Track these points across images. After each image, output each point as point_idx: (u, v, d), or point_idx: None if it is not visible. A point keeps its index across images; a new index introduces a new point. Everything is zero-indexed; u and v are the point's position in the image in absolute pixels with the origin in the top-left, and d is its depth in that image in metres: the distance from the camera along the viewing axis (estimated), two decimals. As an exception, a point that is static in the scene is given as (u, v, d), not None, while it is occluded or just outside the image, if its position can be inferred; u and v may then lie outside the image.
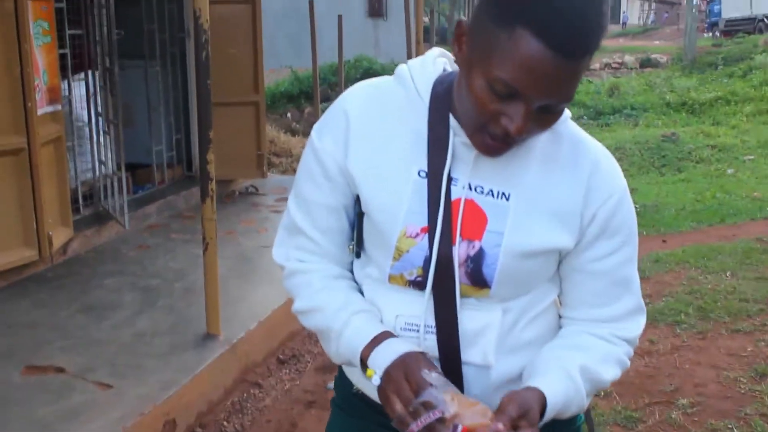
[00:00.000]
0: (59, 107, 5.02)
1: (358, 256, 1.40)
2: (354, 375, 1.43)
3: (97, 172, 5.86)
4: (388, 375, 1.22)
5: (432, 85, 1.31)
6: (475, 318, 1.31)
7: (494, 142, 1.19)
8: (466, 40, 1.18)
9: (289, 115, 14.62)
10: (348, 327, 1.32)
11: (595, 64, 20.25)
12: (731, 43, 21.59)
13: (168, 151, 6.98)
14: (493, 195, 1.28)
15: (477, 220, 1.27)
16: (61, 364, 3.69)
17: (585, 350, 1.32)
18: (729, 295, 4.89)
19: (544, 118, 1.17)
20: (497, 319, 1.31)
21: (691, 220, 7.42)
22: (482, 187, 1.28)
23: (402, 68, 1.35)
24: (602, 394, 3.62)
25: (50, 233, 4.82)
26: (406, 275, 1.30)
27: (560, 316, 1.41)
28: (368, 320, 1.32)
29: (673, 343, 4.24)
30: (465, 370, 1.31)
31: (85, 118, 5.87)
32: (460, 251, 1.27)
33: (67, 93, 5.50)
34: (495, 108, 1.14)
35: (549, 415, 1.22)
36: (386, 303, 1.34)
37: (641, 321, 1.38)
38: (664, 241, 6.66)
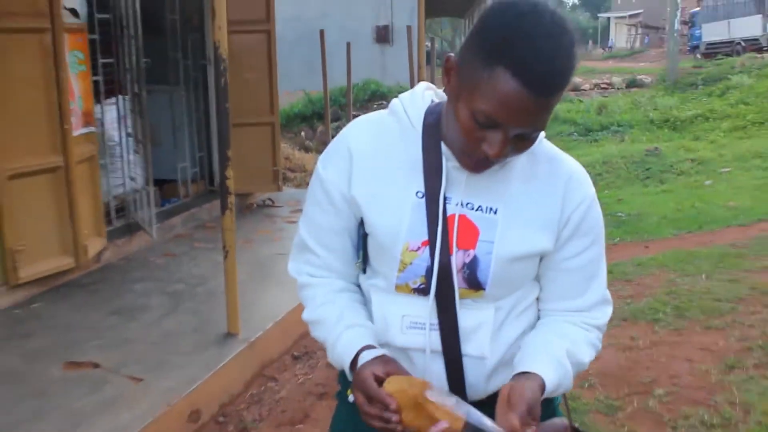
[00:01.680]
0: (93, 129, 5.09)
1: (364, 271, 1.46)
2: None
3: (128, 187, 5.90)
4: (355, 395, 1.30)
5: (423, 115, 1.38)
6: (472, 317, 1.38)
7: (478, 164, 1.28)
8: (454, 74, 1.25)
9: (302, 133, 14.67)
10: (339, 341, 1.39)
11: (585, 85, 20.25)
12: (711, 64, 21.55)
13: (192, 168, 7.03)
14: (482, 210, 1.35)
15: (470, 232, 1.34)
16: (96, 360, 3.73)
17: (567, 337, 1.39)
18: (704, 295, 4.92)
19: (520, 143, 1.25)
20: (491, 317, 1.38)
21: (672, 228, 7.44)
22: (473, 204, 1.35)
23: (395, 102, 1.42)
24: (586, 385, 3.67)
25: (85, 243, 4.89)
26: (410, 284, 1.37)
27: (540, 309, 1.48)
28: (355, 336, 1.39)
29: (651, 339, 4.27)
30: (465, 361, 1.39)
31: (117, 139, 5.91)
32: (457, 260, 1.34)
33: (100, 116, 5.56)
34: (477, 135, 1.22)
35: (549, 391, 1.30)
36: (393, 307, 1.41)
37: (608, 310, 1.46)
38: (646, 247, 6.70)
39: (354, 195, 1.39)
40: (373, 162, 1.39)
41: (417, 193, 1.36)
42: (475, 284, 1.36)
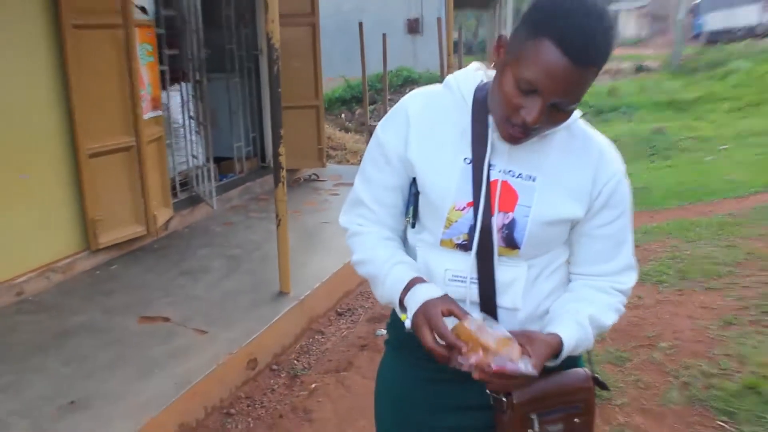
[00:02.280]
0: (160, 113, 5.14)
1: (413, 226, 1.47)
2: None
3: (190, 164, 5.99)
4: (414, 321, 1.31)
5: (474, 90, 1.39)
6: (507, 272, 1.38)
7: (515, 131, 1.27)
8: (503, 50, 1.26)
9: (342, 116, 14.62)
10: (390, 275, 1.40)
11: (597, 70, 19.90)
12: (712, 51, 21.01)
13: (246, 147, 7.06)
14: (522, 177, 1.35)
15: (510, 197, 1.35)
16: (167, 315, 3.82)
17: (591, 302, 1.39)
18: (704, 259, 4.86)
19: (555, 115, 1.24)
20: (524, 273, 1.39)
21: (675, 199, 7.31)
22: (514, 171, 1.36)
23: (450, 78, 1.43)
24: (598, 339, 3.67)
25: (155, 213, 4.96)
26: (454, 240, 1.38)
27: (570, 273, 1.48)
28: (406, 269, 1.39)
29: (656, 298, 4.24)
30: (499, 312, 1.40)
31: (181, 121, 5.98)
32: (497, 221, 1.35)
33: (166, 101, 5.61)
34: (518, 102, 1.22)
35: (565, 352, 1.32)
36: (437, 260, 1.41)
37: (633, 276, 1.45)
38: (652, 217, 6.60)
39: (409, 157, 1.40)
40: (428, 129, 1.40)
41: (465, 159, 1.37)
42: (512, 243, 1.36)
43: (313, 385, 3.49)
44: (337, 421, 3.16)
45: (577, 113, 1.37)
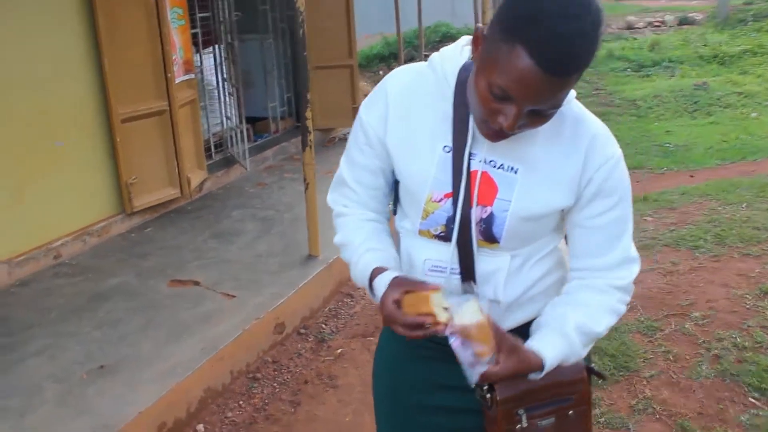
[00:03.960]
0: (192, 76, 5.08)
1: (395, 212, 1.41)
2: None
3: (225, 126, 5.94)
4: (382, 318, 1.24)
5: (458, 71, 1.26)
6: (489, 263, 1.30)
7: (492, 134, 1.17)
8: (480, 45, 1.14)
9: (381, 72, 14.43)
10: (359, 263, 1.34)
11: (639, 23, 19.12)
12: (761, 1, 20.01)
13: (281, 107, 6.99)
14: (504, 169, 1.25)
15: (489, 189, 1.25)
16: (197, 279, 3.81)
17: (584, 306, 1.29)
18: (743, 223, 4.63)
19: (535, 118, 1.13)
20: (506, 263, 1.30)
21: (717, 158, 7.02)
22: (495, 162, 1.25)
23: (434, 56, 1.30)
24: (628, 306, 3.53)
25: (189, 175, 4.95)
26: (432, 231, 1.30)
27: (570, 268, 1.37)
28: (373, 258, 1.33)
29: (691, 264, 4.06)
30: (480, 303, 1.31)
31: (214, 83, 5.92)
32: (475, 214, 1.26)
33: (199, 64, 5.55)
34: (493, 107, 1.11)
35: (549, 365, 1.24)
36: (417, 249, 1.34)
37: (633, 269, 1.32)
38: (691, 176, 6.36)
39: (387, 142, 1.31)
40: (407, 111, 1.30)
41: (444, 147, 1.26)
42: (490, 238, 1.27)
43: (339, 350, 3.46)
44: (361, 387, 3.12)
45: (571, 94, 1.24)
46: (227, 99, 5.95)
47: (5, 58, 3.77)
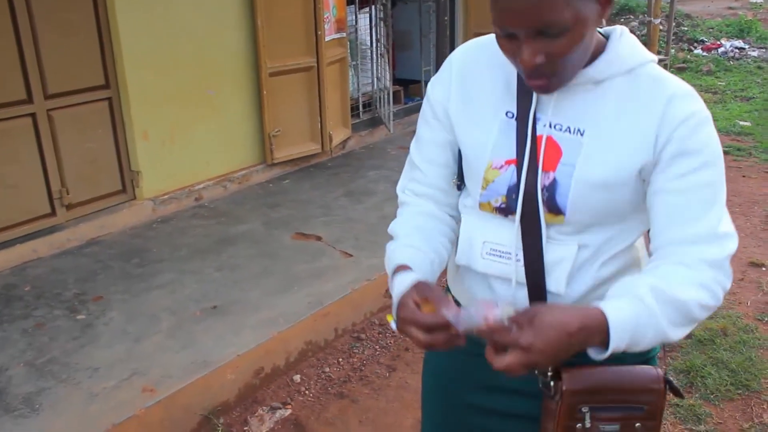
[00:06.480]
0: (344, 34, 5.10)
1: (459, 189, 1.28)
2: (453, 285, 1.34)
3: (374, 86, 5.94)
4: (397, 324, 1.10)
5: None
6: (554, 250, 1.14)
7: (532, 81, 1.06)
8: None
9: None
10: (394, 253, 1.23)
11: None
12: None
13: (435, 71, 6.88)
14: (570, 131, 1.11)
15: (553, 154, 1.12)
16: (320, 234, 3.85)
17: (658, 274, 1.05)
18: None
19: (550, 44, 1.00)
20: (572, 254, 1.13)
21: None
22: (561, 125, 1.12)
23: None
24: (766, 319, 3.10)
25: (331, 132, 5.00)
26: (492, 202, 1.17)
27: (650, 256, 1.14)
28: (402, 254, 1.21)
29: None
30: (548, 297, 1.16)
31: (368, 43, 5.92)
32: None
33: (354, 23, 5.56)
34: (511, 50, 1.05)
35: (617, 337, 0.98)
36: (477, 230, 1.21)
37: (728, 246, 1.07)
38: None
39: (449, 111, 1.22)
40: (470, 80, 1.21)
41: (507, 113, 1.16)
42: (553, 208, 1.11)
43: (445, 322, 3.35)
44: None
45: (648, 56, 1.11)
46: (379, 60, 5.92)
47: (176, 12, 3.99)
